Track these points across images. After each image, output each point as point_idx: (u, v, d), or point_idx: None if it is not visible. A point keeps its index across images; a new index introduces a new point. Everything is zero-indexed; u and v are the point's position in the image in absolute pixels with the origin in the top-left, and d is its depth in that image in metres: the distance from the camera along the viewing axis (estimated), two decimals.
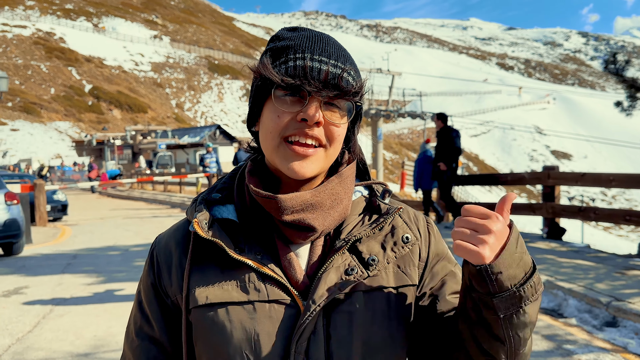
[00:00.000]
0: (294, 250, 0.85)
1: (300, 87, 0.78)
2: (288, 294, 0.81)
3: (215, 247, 0.84)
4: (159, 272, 0.88)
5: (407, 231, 0.89)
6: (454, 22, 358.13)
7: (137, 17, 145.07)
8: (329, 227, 0.85)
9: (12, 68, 79.79)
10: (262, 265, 0.82)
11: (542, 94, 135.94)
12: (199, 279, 0.84)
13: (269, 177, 0.87)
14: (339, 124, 0.82)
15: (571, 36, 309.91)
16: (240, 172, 0.93)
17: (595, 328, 4.27)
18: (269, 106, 0.82)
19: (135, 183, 29.51)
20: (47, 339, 4.39)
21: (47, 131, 64.04)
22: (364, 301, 0.82)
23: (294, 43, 0.81)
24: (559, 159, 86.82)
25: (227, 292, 0.82)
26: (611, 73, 8.25)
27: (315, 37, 0.82)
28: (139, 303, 0.92)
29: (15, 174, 18.39)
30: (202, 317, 0.82)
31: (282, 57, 0.80)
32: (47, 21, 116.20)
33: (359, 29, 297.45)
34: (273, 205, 0.81)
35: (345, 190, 0.86)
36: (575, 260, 6.23)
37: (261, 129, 0.84)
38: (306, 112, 0.78)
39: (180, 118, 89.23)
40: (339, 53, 0.82)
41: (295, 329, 0.79)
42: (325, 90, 0.78)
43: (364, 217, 0.89)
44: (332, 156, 0.84)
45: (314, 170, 0.82)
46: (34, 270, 7.45)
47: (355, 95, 0.82)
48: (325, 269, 0.82)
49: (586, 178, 7.70)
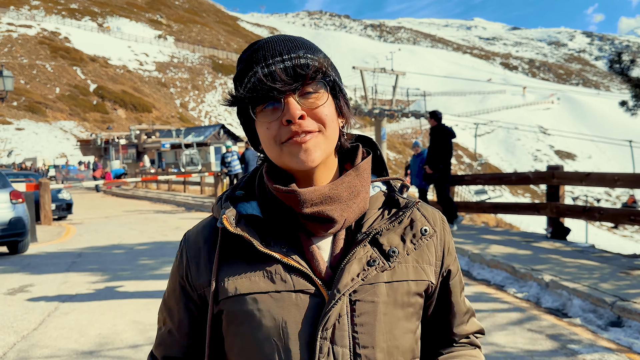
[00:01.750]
0: (316, 243, 0.89)
1: (269, 95, 0.83)
2: (313, 284, 0.85)
3: (242, 242, 0.88)
4: (188, 267, 0.93)
5: (425, 224, 0.94)
6: (458, 21, 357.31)
7: (142, 17, 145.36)
8: (349, 219, 0.89)
9: (17, 67, 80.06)
10: (287, 257, 0.86)
11: (546, 93, 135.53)
12: (227, 272, 0.88)
13: (284, 175, 0.91)
14: (319, 105, 0.85)
15: (575, 36, 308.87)
16: (260, 171, 0.97)
17: (600, 328, 4.26)
18: (258, 124, 0.88)
19: (139, 182, 29.58)
20: (52, 337, 4.41)
21: (52, 130, 64.26)
22: (386, 291, 0.87)
23: (248, 62, 0.86)
24: (562, 159, 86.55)
25: (255, 283, 0.86)
26: (616, 73, 8.21)
27: (265, 45, 0.86)
28: (166, 295, 0.99)
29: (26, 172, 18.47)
30: (232, 307, 0.87)
31: (244, 79, 0.86)
32: (52, 21, 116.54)
33: (363, 28, 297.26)
34: (293, 199, 0.86)
35: (362, 182, 0.91)
36: (579, 260, 6.21)
37: (262, 144, 0.89)
38: (286, 113, 0.83)
39: (184, 117, 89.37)
40: (290, 45, 0.85)
41: (321, 317, 0.83)
42: (290, 85, 0.83)
43: (384, 211, 0.93)
44: (331, 137, 0.88)
45: (320, 155, 0.85)
46: (39, 268, 7.49)
47: (318, 72, 0.85)
48: (348, 260, 0.86)
49: (591, 178, 7.67)
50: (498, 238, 8.11)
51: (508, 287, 5.60)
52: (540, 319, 4.55)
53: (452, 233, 8.46)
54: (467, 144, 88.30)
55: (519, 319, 4.58)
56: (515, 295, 5.33)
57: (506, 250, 6.94)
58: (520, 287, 5.51)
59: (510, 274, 5.91)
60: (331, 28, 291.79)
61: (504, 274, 5.98)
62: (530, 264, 5.96)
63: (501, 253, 6.74)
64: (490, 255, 6.58)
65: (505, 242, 7.64)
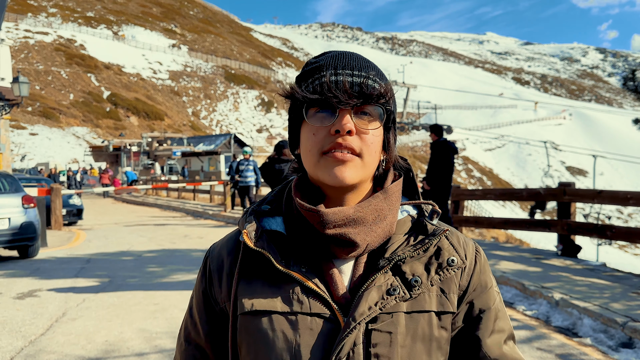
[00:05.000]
0: (337, 265, 0.86)
1: (327, 101, 0.81)
2: (329, 309, 0.83)
3: (262, 258, 0.87)
4: (210, 280, 0.93)
5: (453, 254, 0.88)
6: (471, 35, 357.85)
7: (157, 26, 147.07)
8: (372, 243, 0.85)
9: (33, 73, 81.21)
10: (306, 279, 0.84)
11: (558, 109, 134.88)
12: (246, 288, 0.87)
13: (315, 192, 0.89)
14: (369, 129, 0.83)
15: (589, 52, 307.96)
16: (289, 186, 0.95)
17: (611, 349, 4.19)
18: (304, 127, 0.86)
19: (150, 189, 29.75)
20: (59, 343, 4.42)
21: (65, 136, 64.96)
22: (404, 322, 0.82)
23: (318, 64, 0.85)
24: (574, 175, 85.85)
25: (272, 302, 0.84)
26: (629, 90, 8.19)
27: (339, 55, 0.86)
28: (190, 308, 0.98)
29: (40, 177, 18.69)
30: (247, 323, 0.85)
31: (309, 79, 0.85)
32: (68, 28, 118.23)
33: (375, 41, 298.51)
34: (316, 218, 0.83)
35: (390, 206, 0.87)
36: (590, 279, 6.14)
37: (302, 149, 0.87)
38: (337, 123, 0.81)
39: (196, 126, 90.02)
40: (362, 64, 0.84)
41: (335, 344, 0.80)
42: (352, 99, 0.81)
43: (410, 237, 0.88)
44: (369, 165, 0.85)
45: (353, 176, 0.83)
46: (49, 273, 7.53)
47: (382, 97, 0.84)
48: (367, 287, 0.83)
49: (603, 195, 7.60)
50: (508, 254, 8.04)
51: (517, 305, 5.54)
52: (549, 338, 4.49)
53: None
54: (477, 158, 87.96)
55: (528, 337, 4.53)
56: (524, 313, 5.27)
57: (516, 267, 6.87)
58: (529, 305, 5.45)
59: (520, 291, 5.85)
60: (343, 40, 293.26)
61: (514, 290, 5.92)
62: (540, 282, 5.90)
63: (511, 270, 6.68)
64: (499, 271, 6.52)
65: (515, 259, 7.57)
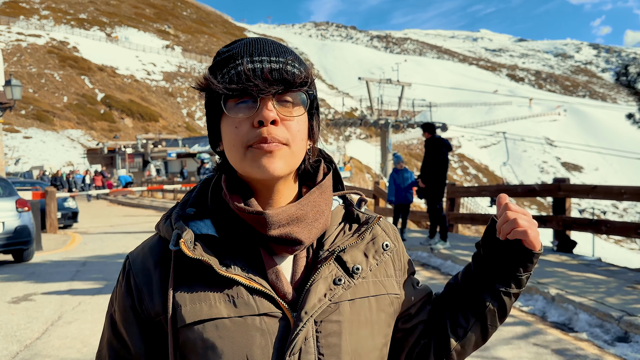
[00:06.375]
0: (278, 263, 0.84)
1: (247, 90, 0.77)
2: (277, 307, 0.81)
3: (199, 265, 0.81)
4: (139, 295, 0.84)
5: (385, 239, 0.92)
6: (464, 33, 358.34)
7: (150, 27, 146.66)
8: (313, 239, 0.85)
9: (26, 76, 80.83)
10: (249, 280, 0.81)
11: (552, 105, 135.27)
12: (184, 298, 0.81)
13: (243, 189, 0.85)
14: (294, 116, 0.81)
15: (582, 48, 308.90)
16: (212, 184, 0.90)
17: (607, 343, 4.21)
18: (225, 120, 0.81)
19: (145, 191, 29.65)
20: (55, 347, 4.41)
21: (59, 139, 64.69)
22: (349, 310, 0.84)
23: (231, 52, 0.81)
24: (569, 171, 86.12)
25: (216, 308, 0.80)
26: (623, 85, 8.22)
27: (252, 41, 0.82)
28: (112, 326, 0.88)
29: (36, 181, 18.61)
30: (192, 335, 0.79)
31: (223, 69, 0.80)
32: (61, 30, 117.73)
33: (369, 39, 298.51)
34: (260, 221, 0.81)
35: (325, 201, 0.87)
36: (586, 274, 6.16)
37: (225, 144, 0.83)
38: (260, 113, 0.77)
39: (190, 127, 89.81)
40: (279, 49, 0.81)
41: (288, 342, 0.79)
42: (272, 87, 0.77)
43: (344, 226, 0.90)
44: (297, 153, 0.83)
45: (283, 167, 0.80)
46: (44, 277, 7.50)
47: (304, 84, 0.81)
48: (313, 280, 0.83)
49: (597, 190, 7.63)
50: None
51: None
52: (545, 333, 4.50)
53: (450, 248, 8.41)
54: (473, 155, 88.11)
55: (525, 333, 4.54)
56: (520, 309, 5.28)
57: None
58: (525, 301, 5.46)
59: None
60: (337, 39, 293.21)
61: None
62: (536, 277, 5.91)
63: None
64: None
65: None
